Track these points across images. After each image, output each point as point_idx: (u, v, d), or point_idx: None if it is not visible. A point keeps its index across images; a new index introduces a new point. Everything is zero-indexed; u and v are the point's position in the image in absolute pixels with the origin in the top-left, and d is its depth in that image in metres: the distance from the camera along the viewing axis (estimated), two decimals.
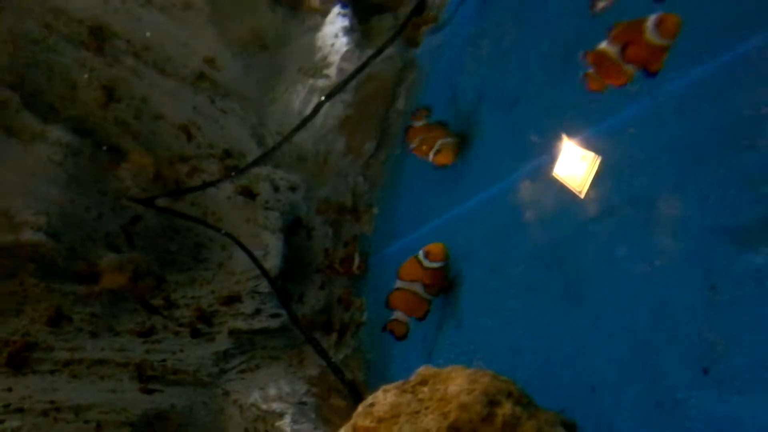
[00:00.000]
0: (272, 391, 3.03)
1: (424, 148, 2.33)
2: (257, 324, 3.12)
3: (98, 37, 2.67)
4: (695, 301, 1.27)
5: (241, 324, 3.08)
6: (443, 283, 2.16)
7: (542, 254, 1.73)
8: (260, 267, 2.73)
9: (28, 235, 2.57)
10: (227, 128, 3.21)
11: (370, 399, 1.39)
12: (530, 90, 1.91)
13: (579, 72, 1.53)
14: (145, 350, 2.91)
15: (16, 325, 2.64)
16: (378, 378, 2.90)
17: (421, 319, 2.16)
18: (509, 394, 1.16)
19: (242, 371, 3.10)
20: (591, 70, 1.56)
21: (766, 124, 1.27)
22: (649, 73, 1.44)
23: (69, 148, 2.69)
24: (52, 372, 2.62)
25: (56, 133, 2.65)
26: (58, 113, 2.78)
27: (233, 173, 2.81)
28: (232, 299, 3.20)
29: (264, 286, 3.20)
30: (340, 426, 3.15)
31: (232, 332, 3.06)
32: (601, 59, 1.49)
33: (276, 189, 3.30)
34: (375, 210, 3.29)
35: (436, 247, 2.10)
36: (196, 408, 2.94)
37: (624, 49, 1.47)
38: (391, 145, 3.11)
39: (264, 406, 2.89)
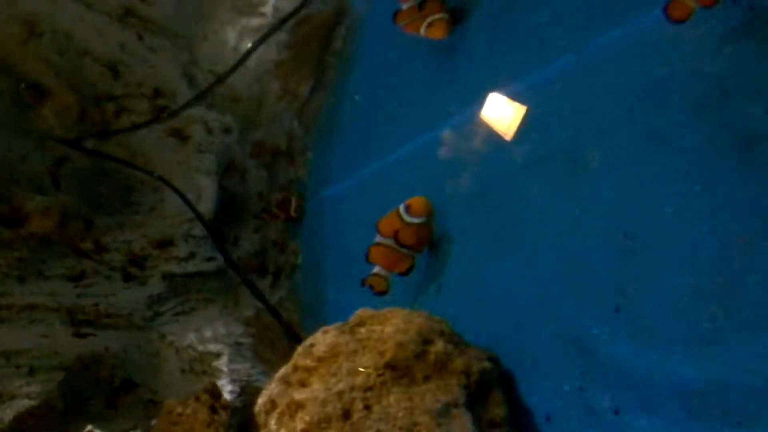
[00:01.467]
0: (208, 333, 3.07)
1: (414, 25, 2.17)
2: (192, 267, 3.12)
3: None
4: (610, 247, 1.38)
5: (174, 268, 3.07)
6: (426, 240, 2.02)
7: (474, 199, 1.80)
8: (194, 210, 2.72)
9: None
10: (157, 66, 3.12)
11: (310, 340, 1.46)
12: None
13: None
14: (76, 295, 2.88)
15: None
16: (313, 320, 2.97)
17: (404, 274, 2.03)
18: (441, 333, 1.24)
19: (177, 314, 3.11)
20: None
21: (674, 80, 1.36)
22: None
23: None
24: None
25: None
26: None
27: (164, 115, 2.75)
28: (165, 243, 3.17)
29: (198, 230, 3.19)
30: (276, 365, 3.23)
31: (165, 276, 3.05)
32: None
33: (209, 131, 3.25)
34: (309, 154, 3.30)
35: (418, 201, 1.96)
36: (130, 351, 2.95)
37: None
38: (327, 88, 3.10)
39: (200, 348, 2.93)
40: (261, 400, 1.46)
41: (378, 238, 2.02)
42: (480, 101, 1.80)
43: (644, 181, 1.33)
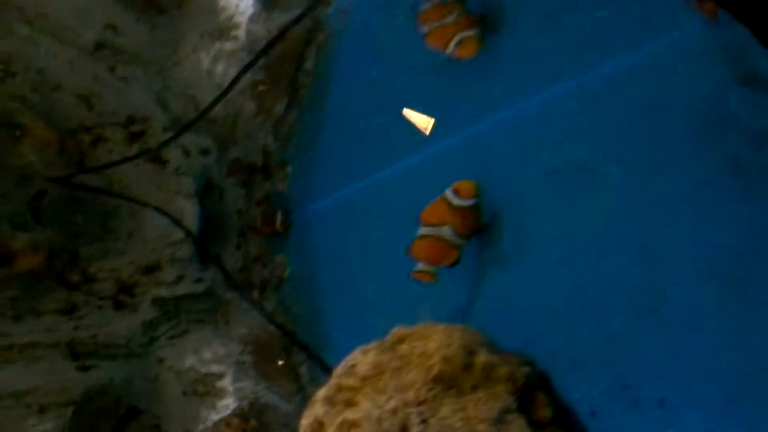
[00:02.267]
0: (207, 354, 3.14)
1: (441, 38, 2.03)
2: (181, 290, 3.17)
3: None
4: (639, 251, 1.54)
5: (164, 292, 3.12)
6: (476, 224, 1.95)
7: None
8: (192, 236, 2.77)
9: None
10: (129, 95, 3.15)
11: (349, 360, 1.56)
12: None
13: None
14: (72, 328, 2.91)
15: None
16: (307, 330, 3.07)
17: (451, 266, 1.95)
18: (482, 344, 1.37)
19: (171, 338, 3.16)
20: None
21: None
22: None
23: None
24: None
25: None
26: None
27: (154, 147, 2.80)
28: (152, 268, 3.22)
29: (183, 252, 3.24)
30: (280, 380, 3.33)
31: (155, 300, 3.10)
32: None
33: (187, 154, 3.29)
34: (289, 168, 3.38)
35: (466, 184, 1.90)
36: (133, 378, 3.00)
37: None
38: (302, 105, 3.18)
39: (202, 369, 2.99)
40: (305, 422, 1.56)
41: (422, 230, 1.94)
42: (477, 117, 1.91)
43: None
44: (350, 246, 2.64)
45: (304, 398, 3.08)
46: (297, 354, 3.33)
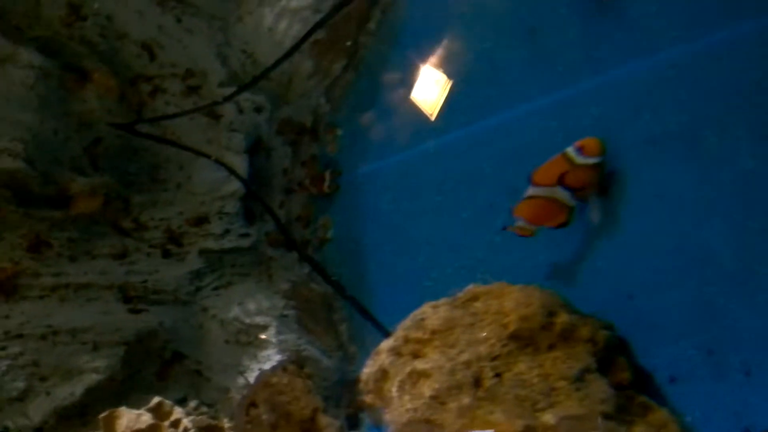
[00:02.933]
0: (251, 306, 3.21)
1: None
2: (227, 244, 3.24)
3: None
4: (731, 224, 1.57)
5: (211, 244, 3.18)
6: (596, 184, 1.84)
7: None
8: (257, 197, 2.82)
9: (6, 163, 2.54)
10: (191, 47, 3.18)
11: (418, 314, 1.61)
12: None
13: None
14: (124, 272, 2.98)
15: None
16: (350, 291, 3.11)
17: (560, 226, 1.84)
18: (562, 305, 1.40)
19: (216, 288, 3.24)
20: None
21: None
22: None
23: (40, 70, 2.61)
24: (41, 297, 2.67)
25: (27, 55, 2.57)
26: (22, 33, 2.67)
27: (220, 101, 2.84)
28: (201, 220, 3.28)
29: (231, 206, 3.30)
30: (321, 335, 3.40)
31: (202, 252, 3.16)
32: None
33: (240, 110, 3.33)
34: (339, 131, 3.40)
35: (592, 141, 1.78)
36: (180, 325, 3.08)
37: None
38: (359, 66, 3.19)
39: (247, 320, 3.07)
40: (369, 370, 1.61)
41: (531, 191, 1.84)
42: (565, 85, 1.92)
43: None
44: (403, 210, 2.66)
45: (344, 355, 3.15)
46: (337, 312, 3.40)
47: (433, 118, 2.38)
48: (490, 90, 2.19)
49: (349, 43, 3.17)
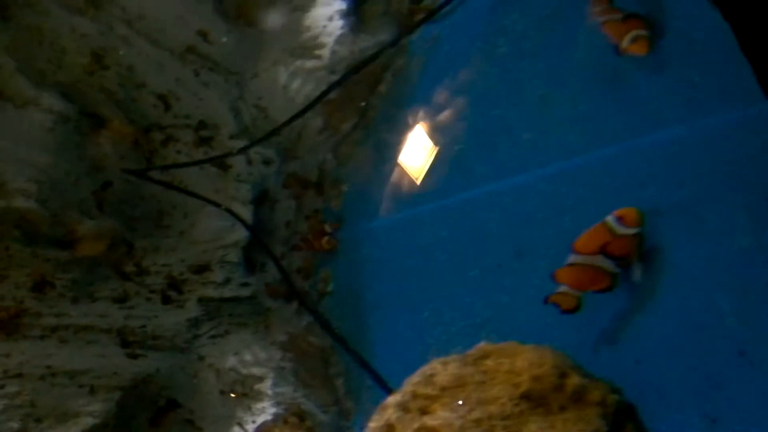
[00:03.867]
0: (248, 357, 3.20)
1: (616, 29, 2.04)
2: (227, 292, 3.25)
3: (95, 3, 2.66)
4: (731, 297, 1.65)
5: (211, 292, 3.20)
6: (636, 253, 1.89)
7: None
8: (265, 247, 2.87)
9: (19, 202, 2.58)
10: (206, 100, 3.27)
11: (427, 370, 1.62)
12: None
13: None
14: (124, 316, 2.98)
15: (3, 291, 2.65)
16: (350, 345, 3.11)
17: (604, 291, 1.89)
18: (573, 367, 1.44)
19: (213, 337, 3.23)
20: None
21: None
22: None
23: (60, 115, 2.69)
24: (42, 338, 2.66)
25: (48, 99, 2.65)
26: (45, 78, 2.75)
27: (235, 152, 2.92)
28: (202, 268, 3.31)
29: (233, 256, 3.34)
30: (317, 389, 3.38)
31: (201, 299, 3.18)
32: None
33: (249, 162, 3.40)
34: (344, 187, 3.47)
35: (632, 211, 1.84)
36: (176, 372, 3.07)
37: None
38: (368, 126, 3.28)
39: (243, 371, 3.06)
40: (374, 425, 1.61)
41: (572, 259, 1.90)
42: (575, 154, 2.02)
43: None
44: (408, 267, 2.71)
45: (340, 410, 3.13)
46: (334, 366, 3.40)
47: (441, 179, 2.45)
48: (501, 154, 2.28)
49: (360, 104, 3.27)
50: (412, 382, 1.69)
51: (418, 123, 2.86)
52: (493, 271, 2.22)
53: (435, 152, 2.71)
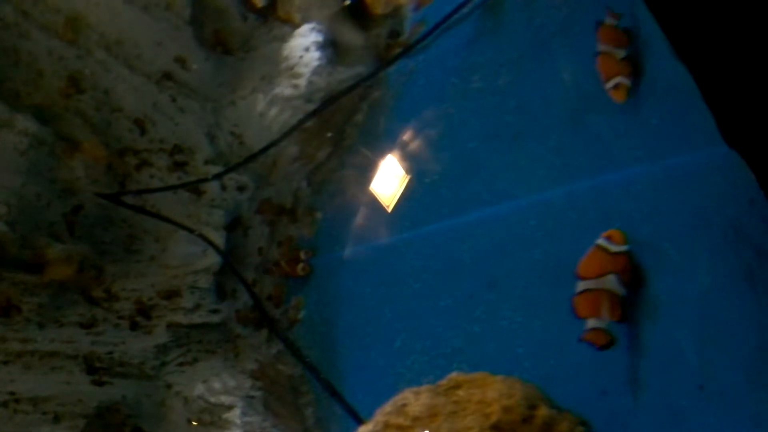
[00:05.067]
0: (217, 385, 3.18)
1: (607, 70, 2.06)
2: (197, 318, 3.23)
3: (73, 28, 2.68)
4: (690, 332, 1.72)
5: (180, 318, 3.18)
6: (632, 272, 1.89)
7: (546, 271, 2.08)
8: (237, 273, 2.87)
9: None
10: (182, 125, 3.28)
11: (398, 400, 1.65)
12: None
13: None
14: (90, 342, 2.95)
15: None
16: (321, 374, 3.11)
17: (621, 320, 1.86)
18: (542, 399, 1.47)
19: (181, 364, 3.20)
20: None
21: None
22: None
23: (34, 137, 2.68)
24: (5, 363, 2.62)
25: (23, 122, 2.64)
26: (20, 100, 2.75)
27: (210, 177, 2.92)
28: (172, 293, 3.28)
29: (204, 282, 3.32)
30: (287, 418, 3.37)
31: (170, 325, 3.15)
32: None
33: (224, 188, 3.41)
34: (318, 214, 3.49)
35: (615, 231, 1.88)
36: (142, 400, 3.03)
37: None
38: (343, 156, 3.32)
39: (212, 399, 3.03)
40: None
41: (583, 284, 1.87)
42: (544, 188, 2.09)
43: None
44: (380, 295, 2.73)
45: None
46: (304, 396, 3.38)
47: (414, 209, 2.49)
48: (473, 186, 2.34)
49: (335, 133, 3.31)
50: (383, 412, 1.71)
51: (392, 153, 2.89)
52: (465, 301, 2.25)
53: (409, 182, 2.75)
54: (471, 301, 2.22)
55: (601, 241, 1.87)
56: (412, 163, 2.75)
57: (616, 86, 2.05)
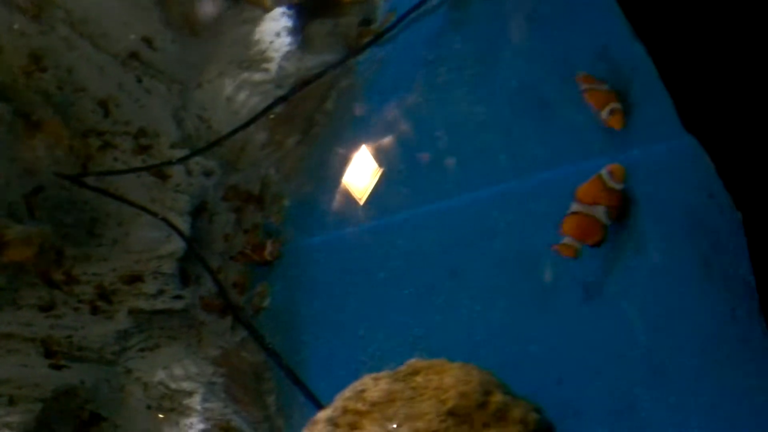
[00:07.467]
0: (178, 371, 3.15)
1: (597, 101, 2.11)
2: (159, 304, 3.20)
3: (38, 3, 2.62)
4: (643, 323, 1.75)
5: (143, 304, 3.14)
6: (622, 209, 1.97)
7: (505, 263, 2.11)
8: (201, 260, 2.84)
9: None
10: (148, 108, 3.23)
11: (358, 385, 1.66)
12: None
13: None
14: (48, 326, 2.90)
15: None
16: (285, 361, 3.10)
17: (596, 245, 1.96)
18: (498, 385, 1.49)
19: (142, 350, 3.17)
20: None
21: None
22: None
23: None
24: None
25: None
26: None
27: (175, 161, 2.89)
28: (135, 278, 3.24)
29: (167, 267, 3.29)
30: (249, 405, 3.36)
31: (132, 311, 3.11)
32: None
33: (189, 173, 3.37)
34: (286, 202, 3.47)
35: (617, 168, 1.94)
36: (101, 385, 2.99)
37: None
38: (312, 143, 3.31)
39: (173, 385, 3.00)
40: None
41: (575, 207, 1.96)
42: (506, 179, 2.12)
43: None
44: (345, 283, 2.73)
45: (270, 427, 3.11)
46: (266, 383, 3.37)
47: (380, 198, 2.50)
48: (436, 177, 2.35)
49: (304, 120, 3.29)
50: (343, 398, 1.72)
51: (361, 142, 2.89)
52: (428, 290, 2.26)
53: (376, 172, 2.75)
54: (433, 290, 2.24)
55: (603, 172, 1.96)
56: (380, 153, 2.75)
57: (612, 112, 2.08)
